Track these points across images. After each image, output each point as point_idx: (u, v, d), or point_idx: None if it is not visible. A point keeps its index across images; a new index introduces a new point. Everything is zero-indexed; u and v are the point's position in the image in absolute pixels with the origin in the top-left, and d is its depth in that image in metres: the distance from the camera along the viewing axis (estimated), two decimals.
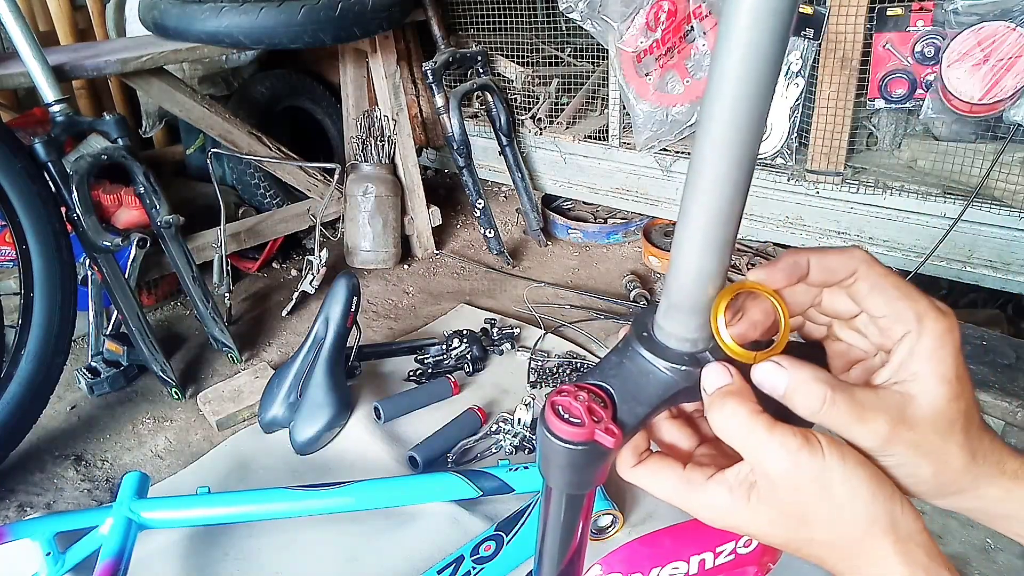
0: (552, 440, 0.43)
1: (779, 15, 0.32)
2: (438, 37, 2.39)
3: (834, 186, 1.92)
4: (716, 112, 0.35)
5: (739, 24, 0.32)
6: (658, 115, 2.10)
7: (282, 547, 1.28)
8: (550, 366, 1.75)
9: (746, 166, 0.36)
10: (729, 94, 0.34)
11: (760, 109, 0.34)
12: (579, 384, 0.45)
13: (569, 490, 0.48)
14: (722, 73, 0.34)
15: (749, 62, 0.33)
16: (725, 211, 0.38)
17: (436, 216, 2.45)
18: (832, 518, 0.40)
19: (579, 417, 0.43)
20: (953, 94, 1.67)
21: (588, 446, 0.43)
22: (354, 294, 1.58)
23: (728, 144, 0.35)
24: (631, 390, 0.44)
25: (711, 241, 0.39)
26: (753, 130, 0.35)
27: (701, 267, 0.40)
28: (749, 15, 0.32)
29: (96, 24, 2.63)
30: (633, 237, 2.44)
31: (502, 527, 1.21)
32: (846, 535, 0.40)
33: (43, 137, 1.54)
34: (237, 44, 1.86)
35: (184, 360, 1.89)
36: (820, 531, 0.41)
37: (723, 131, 0.35)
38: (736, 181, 0.36)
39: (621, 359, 0.46)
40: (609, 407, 0.44)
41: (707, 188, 0.37)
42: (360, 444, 1.52)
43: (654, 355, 0.44)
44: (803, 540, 0.42)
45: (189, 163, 2.50)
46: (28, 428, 1.51)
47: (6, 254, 1.79)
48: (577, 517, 0.50)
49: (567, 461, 0.44)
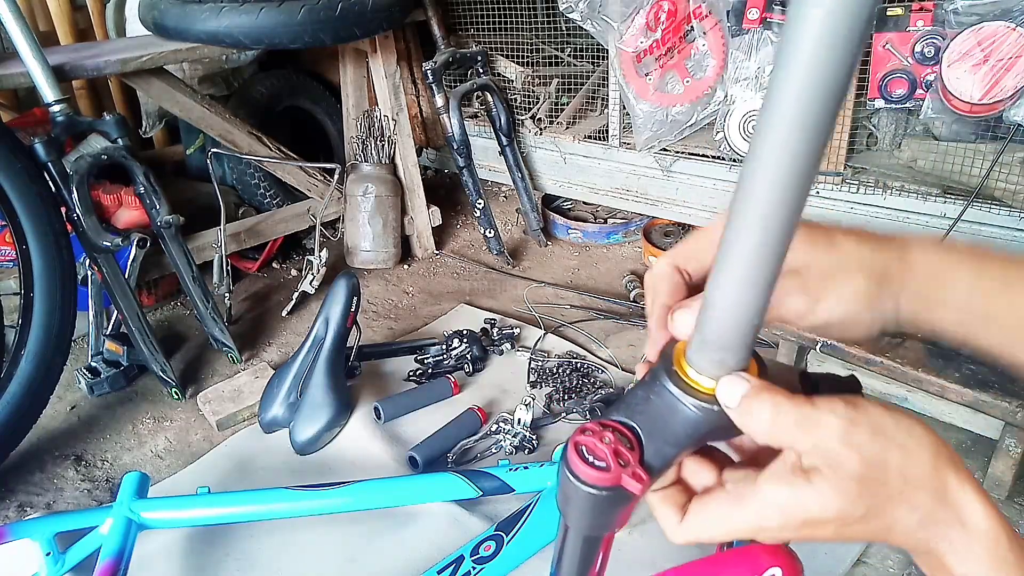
0: (575, 483, 0.41)
1: (853, 30, 0.28)
2: (438, 37, 2.39)
3: (834, 186, 1.92)
4: (771, 139, 0.31)
5: (806, 35, 0.28)
6: (658, 115, 2.10)
7: (282, 547, 1.28)
8: (550, 366, 1.75)
9: (800, 198, 0.33)
10: (789, 118, 0.30)
11: (823, 131, 0.30)
12: (604, 422, 0.42)
13: (588, 532, 0.46)
14: (782, 94, 0.30)
15: (814, 82, 0.29)
16: (773, 244, 0.34)
17: (436, 216, 2.45)
18: (903, 463, 0.39)
19: (604, 460, 0.40)
20: (953, 94, 1.67)
21: (613, 491, 0.40)
22: (354, 294, 1.58)
23: (783, 176, 0.32)
24: (659, 429, 0.42)
25: (756, 277, 0.35)
26: (812, 159, 0.31)
27: (742, 303, 0.37)
28: (818, 29, 0.28)
29: (96, 24, 2.63)
30: (633, 237, 2.44)
31: (502, 527, 1.21)
32: (920, 476, 0.39)
33: (43, 137, 1.54)
34: (237, 44, 1.86)
35: (184, 360, 1.89)
36: (895, 483, 0.39)
37: (778, 157, 0.31)
38: (788, 212, 0.33)
39: (648, 394, 0.42)
40: (636, 448, 0.41)
41: (755, 220, 0.33)
42: (360, 444, 1.52)
43: (684, 392, 0.41)
44: (881, 504, 0.39)
45: (189, 163, 2.50)
46: (28, 428, 1.51)
47: (6, 254, 1.79)
48: (595, 557, 0.48)
49: (590, 505, 0.41)
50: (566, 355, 1.80)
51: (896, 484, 0.39)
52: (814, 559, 1.21)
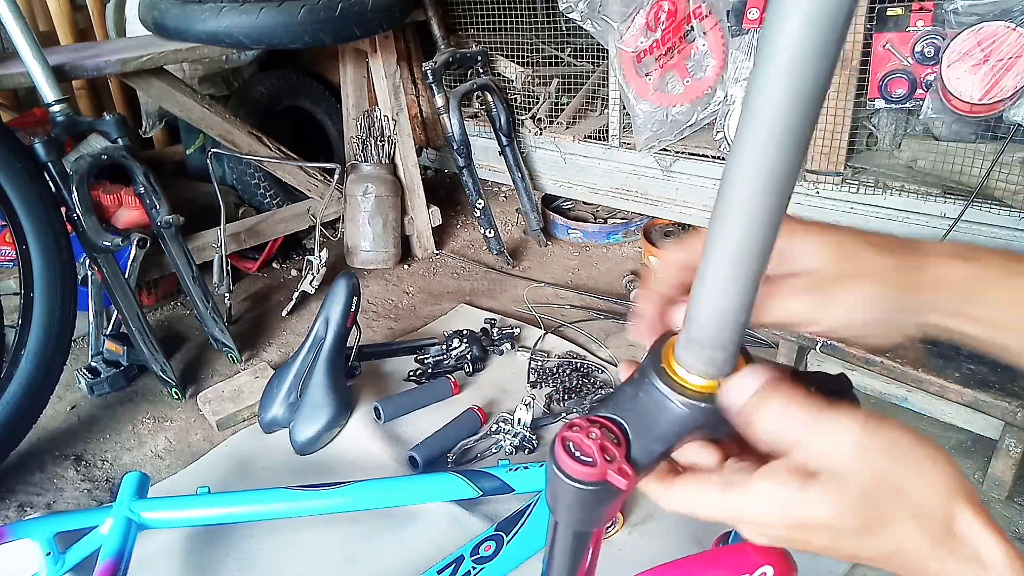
0: (562, 478, 0.41)
1: (831, 29, 0.28)
2: (438, 37, 2.39)
3: (834, 186, 1.92)
4: (753, 134, 0.31)
5: (785, 35, 0.28)
6: (658, 115, 2.10)
7: (282, 547, 1.28)
8: (550, 366, 1.75)
9: (782, 197, 0.33)
10: (769, 111, 0.30)
11: (803, 133, 0.31)
12: (591, 417, 0.42)
13: (577, 528, 0.46)
14: (762, 96, 0.30)
15: (795, 77, 0.29)
16: (757, 242, 0.34)
17: (436, 216, 2.45)
18: (914, 483, 0.37)
19: (591, 455, 0.40)
20: (953, 94, 1.67)
21: (599, 486, 0.41)
22: (354, 294, 1.58)
23: (764, 170, 0.32)
24: (646, 425, 0.42)
25: (740, 274, 0.36)
26: (793, 156, 0.31)
27: (727, 301, 0.37)
28: (796, 27, 0.28)
29: (96, 24, 2.63)
30: (633, 237, 2.44)
31: (502, 527, 1.21)
32: (931, 501, 0.37)
33: (43, 137, 1.54)
34: (237, 44, 1.86)
35: (184, 360, 1.89)
36: (901, 502, 0.37)
37: (759, 156, 0.31)
38: (771, 212, 0.33)
39: (637, 391, 0.43)
40: (623, 444, 0.41)
41: (738, 217, 0.34)
42: (360, 444, 1.52)
43: (672, 389, 0.41)
44: (881, 520, 0.37)
45: (189, 163, 2.50)
46: (28, 428, 1.51)
47: (6, 254, 1.79)
48: (584, 552, 0.48)
49: (577, 500, 0.42)
50: (566, 355, 1.80)
51: (902, 503, 0.37)
52: (814, 559, 1.20)
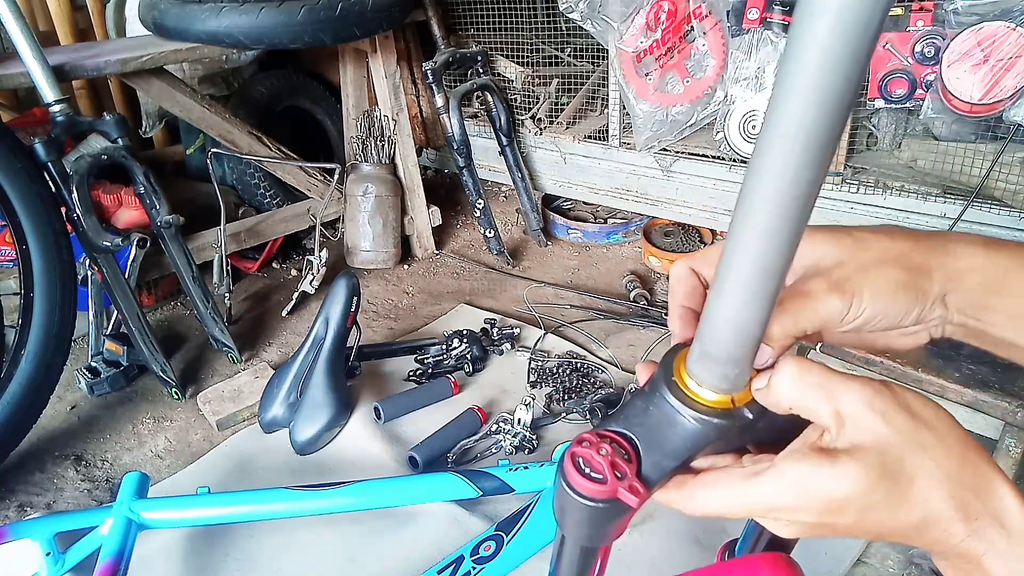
0: (571, 494, 0.40)
1: (861, 39, 0.27)
2: (438, 37, 2.39)
3: (834, 186, 1.92)
4: (778, 140, 0.30)
5: (813, 44, 0.27)
6: (658, 115, 2.10)
7: (282, 547, 1.28)
8: (550, 366, 1.75)
9: (807, 206, 0.31)
10: (796, 116, 0.29)
11: (831, 138, 0.29)
12: (601, 432, 0.41)
13: (584, 543, 0.45)
14: (787, 104, 0.29)
15: (824, 79, 0.28)
16: (778, 255, 0.33)
17: (436, 216, 2.45)
18: (934, 443, 0.37)
19: (601, 472, 0.39)
20: (953, 94, 1.67)
21: (609, 504, 0.40)
22: (354, 294, 1.58)
23: (789, 179, 0.30)
24: (657, 440, 0.41)
25: (759, 288, 0.34)
26: (819, 164, 0.30)
27: (744, 316, 0.36)
28: (827, 29, 0.27)
29: (96, 24, 2.63)
30: (633, 237, 2.44)
31: (502, 527, 1.21)
32: (952, 462, 0.37)
33: (43, 137, 1.54)
34: (237, 44, 1.86)
35: (184, 360, 1.89)
36: (928, 470, 0.37)
37: (784, 163, 0.30)
38: (794, 222, 0.32)
39: (647, 405, 0.42)
40: (633, 460, 0.40)
41: (759, 229, 0.32)
42: (360, 444, 1.52)
43: (683, 404, 0.40)
44: (906, 487, 0.37)
45: (189, 163, 2.50)
46: (28, 428, 1.51)
47: (6, 254, 1.79)
48: (591, 567, 0.48)
49: (586, 516, 0.41)
50: (566, 355, 1.80)
51: (928, 472, 0.37)
52: (814, 560, 1.21)
